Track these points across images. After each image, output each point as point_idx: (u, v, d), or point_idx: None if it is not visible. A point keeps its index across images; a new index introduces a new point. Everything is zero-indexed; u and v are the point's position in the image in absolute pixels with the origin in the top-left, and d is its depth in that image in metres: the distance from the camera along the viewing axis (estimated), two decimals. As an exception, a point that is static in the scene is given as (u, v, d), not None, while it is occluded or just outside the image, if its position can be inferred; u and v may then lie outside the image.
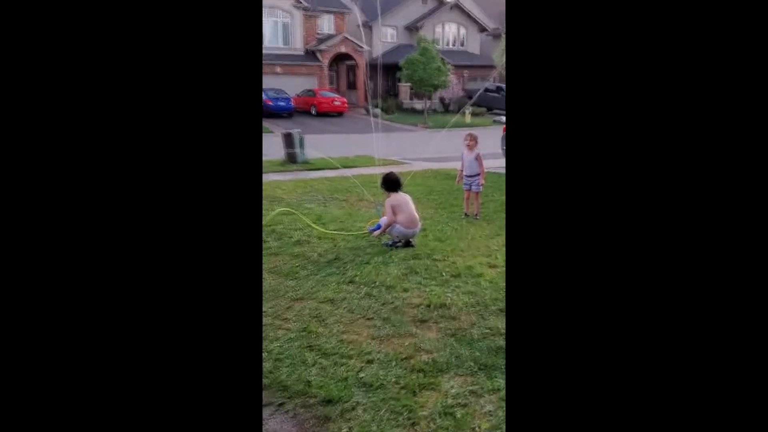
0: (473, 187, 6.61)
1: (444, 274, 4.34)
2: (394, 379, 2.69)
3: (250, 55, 1.35)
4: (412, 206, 5.30)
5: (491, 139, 12.52)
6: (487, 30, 34.12)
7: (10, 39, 1.18)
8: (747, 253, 1.19)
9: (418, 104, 28.27)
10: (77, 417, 1.21)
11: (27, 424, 1.18)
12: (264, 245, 5.06)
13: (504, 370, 2.76)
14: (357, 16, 29.43)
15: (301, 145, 11.81)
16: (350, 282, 4.12)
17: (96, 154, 1.24)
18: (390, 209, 5.17)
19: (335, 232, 5.66)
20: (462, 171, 6.74)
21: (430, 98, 27.05)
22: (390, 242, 5.20)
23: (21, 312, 1.19)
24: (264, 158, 10.34)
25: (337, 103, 26.19)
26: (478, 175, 6.57)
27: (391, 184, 5.34)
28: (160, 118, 1.28)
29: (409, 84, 27.21)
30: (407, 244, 5.18)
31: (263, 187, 7.41)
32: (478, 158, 6.55)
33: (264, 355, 2.91)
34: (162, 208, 1.28)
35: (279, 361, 2.86)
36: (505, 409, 2.43)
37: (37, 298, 1.20)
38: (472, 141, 6.61)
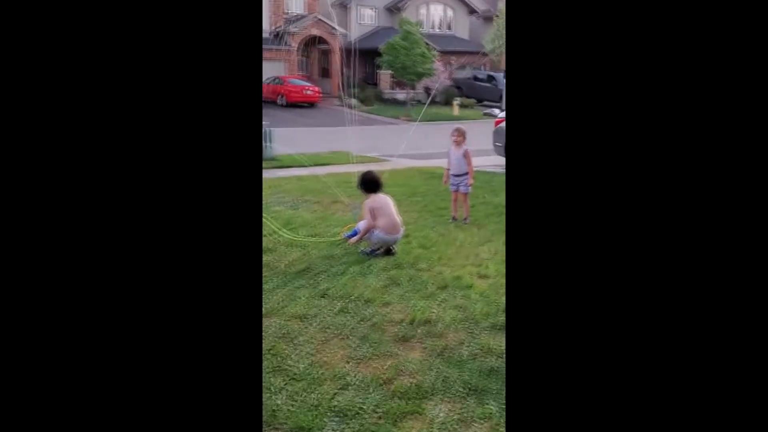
0: (461, 188, 6.63)
1: (429, 285, 4.34)
2: (372, 406, 2.67)
3: (249, 51, 1.47)
4: (394, 209, 5.29)
5: (482, 134, 12.59)
6: (476, 12, 34.43)
7: (8, 38, 1.33)
8: (747, 254, 1.30)
9: (400, 94, 28.35)
10: (66, 420, 1.35)
11: (26, 425, 1.32)
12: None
13: (496, 394, 2.75)
14: (331, -6, 29.44)
15: (268, 140, 11.74)
16: (323, 296, 4.09)
17: (87, 150, 1.38)
18: (368, 213, 5.16)
19: (306, 238, 5.62)
20: (449, 170, 6.75)
21: (413, 88, 27.16)
22: (368, 250, 5.18)
23: (20, 312, 1.33)
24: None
25: (308, 92, 26.14)
26: (467, 174, 6.58)
27: (370, 184, 5.33)
28: (155, 116, 1.41)
29: (390, 72, 27.30)
30: (388, 252, 5.17)
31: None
32: (466, 155, 6.55)
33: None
34: (158, 207, 1.41)
35: (241, 387, 2.81)
36: (498, 439, 2.42)
37: (35, 298, 1.34)
38: (460, 136, 6.62)
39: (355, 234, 5.41)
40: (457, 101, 26.00)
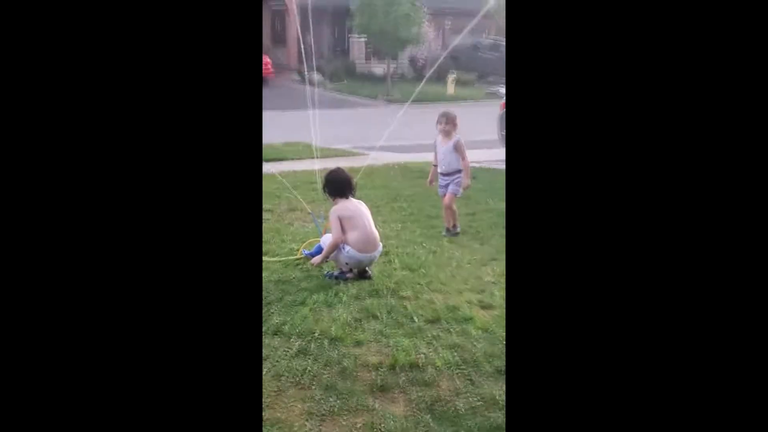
0: (450, 188, 6.61)
1: (416, 318, 4.37)
2: (341, 478, 2.68)
3: (248, 46, 1.82)
4: (370, 219, 5.32)
5: (484, 119, 12.69)
6: (478, -40, 34.72)
7: (9, 38, 1.66)
8: (750, 254, 1.58)
9: (379, 68, 28.45)
10: (62, 421, 1.69)
11: (25, 425, 1.65)
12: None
13: (503, 459, 2.79)
14: (287, -64, 29.48)
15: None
16: (276, 332, 4.10)
17: (79, 149, 1.71)
18: (336, 223, 5.17)
19: (254, 257, 5.62)
20: (435, 166, 6.76)
21: (395, 59, 27.27)
22: (336, 272, 5.20)
23: (19, 312, 1.66)
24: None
25: (257, 64, 26.08)
26: (459, 172, 6.58)
27: (338, 186, 5.35)
28: (152, 114, 1.75)
29: (364, 38, 27.39)
30: (362, 274, 5.20)
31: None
32: (458, 148, 6.54)
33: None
34: (155, 208, 1.75)
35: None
36: None
37: (31, 298, 1.67)
38: (449, 124, 6.58)
39: (318, 252, 5.42)
40: (452, 76, 26.16)
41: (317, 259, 5.34)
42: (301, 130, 13.33)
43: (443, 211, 6.79)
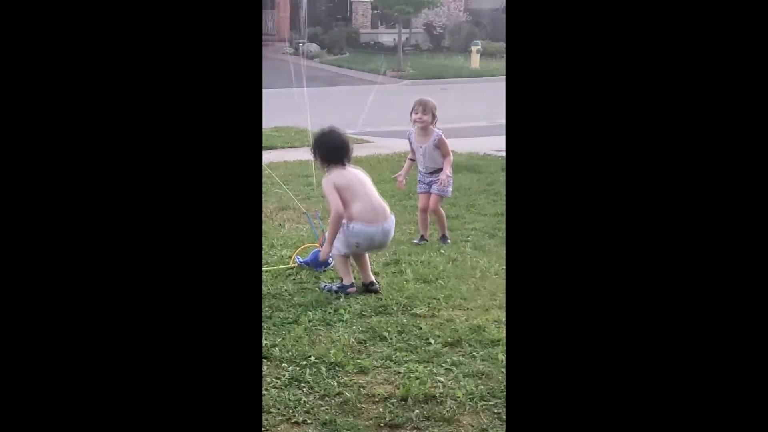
0: (434, 188, 6.58)
1: (433, 341, 4.36)
2: None
3: (249, 44, 2.10)
4: (371, 187, 5.31)
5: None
6: None
7: (8, 37, 1.93)
8: (751, 255, 1.81)
9: (387, 36, 28.41)
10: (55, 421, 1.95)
11: (24, 425, 1.92)
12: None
13: None
14: None
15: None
16: (264, 357, 4.09)
17: (78, 150, 1.98)
18: (334, 193, 5.12)
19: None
20: (412, 160, 6.80)
21: (407, 26, 27.21)
22: (336, 285, 5.20)
23: (17, 311, 1.93)
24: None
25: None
26: (441, 171, 6.55)
27: (333, 150, 5.30)
28: (150, 113, 2.01)
29: (370, -1, 27.35)
30: (367, 287, 5.19)
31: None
32: (440, 146, 6.54)
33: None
34: (153, 209, 2.02)
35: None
36: None
37: (28, 298, 1.94)
38: (426, 114, 6.47)
39: (314, 259, 5.44)
40: (477, 46, 26.07)
41: (325, 248, 5.25)
42: (293, 112, 13.33)
43: (419, 215, 6.79)
